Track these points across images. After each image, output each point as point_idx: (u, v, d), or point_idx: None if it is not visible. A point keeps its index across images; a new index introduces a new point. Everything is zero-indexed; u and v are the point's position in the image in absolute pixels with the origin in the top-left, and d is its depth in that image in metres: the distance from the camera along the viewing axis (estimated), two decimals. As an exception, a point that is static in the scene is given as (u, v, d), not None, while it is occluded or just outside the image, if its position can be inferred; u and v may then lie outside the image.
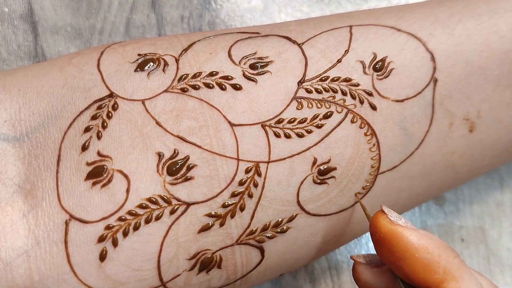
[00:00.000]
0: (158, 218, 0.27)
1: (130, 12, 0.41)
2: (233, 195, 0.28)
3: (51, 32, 0.40)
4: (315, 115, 0.30)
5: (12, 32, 0.40)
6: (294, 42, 0.31)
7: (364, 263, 0.29)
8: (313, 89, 0.30)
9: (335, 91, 0.30)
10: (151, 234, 0.27)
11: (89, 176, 0.27)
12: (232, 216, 0.29)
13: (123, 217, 0.27)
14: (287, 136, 0.29)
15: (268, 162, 0.29)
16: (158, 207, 0.27)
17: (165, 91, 0.29)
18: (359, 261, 0.29)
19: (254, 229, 0.29)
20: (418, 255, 0.26)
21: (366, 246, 0.41)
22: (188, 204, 0.28)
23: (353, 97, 0.30)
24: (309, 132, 0.29)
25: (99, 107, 0.28)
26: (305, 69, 0.30)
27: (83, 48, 0.41)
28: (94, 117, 0.28)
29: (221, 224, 0.28)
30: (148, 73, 0.29)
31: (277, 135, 0.29)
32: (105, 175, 0.27)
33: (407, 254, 0.26)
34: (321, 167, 0.30)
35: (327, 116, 0.30)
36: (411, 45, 0.31)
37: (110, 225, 0.27)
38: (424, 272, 0.26)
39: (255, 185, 0.29)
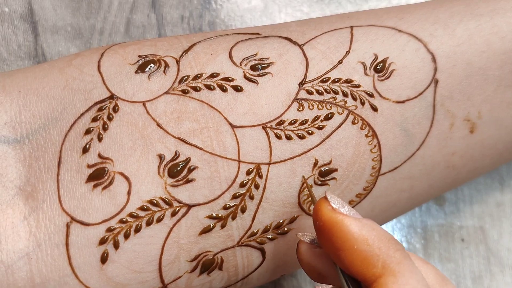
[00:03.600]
0: (159, 220, 0.27)
1: (130, 12, 0.41)
2: (234, 197, 0.28)
3: (51, 32, 0.40)
4: (316, 116, 0.30)
5: (12, 32, 0.40)
6: (295, 43, 0.31)
7: (308, 242, 0.28)
8: (314, 91, 0.30)
9: (336, 93, 0.30)
10: (152, 236, 0.27)
11: (90, 178, 0.27)
12: (233, 218, 0.29)
13: (124, 219, 0.27)
14: (288, 138, 0.29)
15: (269, 164, 0.29)
16: (159, 209, 0.27)
17: (166, 92, 0.29)
18: (303, 240, 0.28)
19: (255, 230, 0.29)
20: (357, 246, 0.25)
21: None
22: (189, 206, 0.28)
23: (354, 99, 0.30)
24: (310, 133, 0.29)
25: (100, 109, 0.28)
26: (306, 70, 0.30)
27: (83, 48, 0.41)
28: (94, 119, 0.28)
29: (222, 226, 0.28)
30: (149, 74, 0.29)
31: (278, 137, 0.29)
32: (106, 177, 0.27)
33: (346, 244, 0.25)
34: (322, 169, 0.30)
35: (328, 117, 0.30)
36: (412, 46, 0.31)
37: (111, 227, 0.27)
38: (362, 265, 0.25)
39: (256, 187, 0.29)
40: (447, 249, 0.42)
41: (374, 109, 0.30)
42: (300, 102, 0.30)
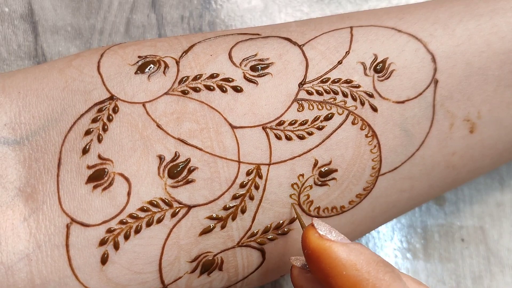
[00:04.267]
0: (159, 221, 0.27)
1: (130, 12, 0.41)
2: (234, 197, 0.28)
3: (51, 32, 0.40)
4: (316, 117, 0.30)
5: (12, 32, 0.40)
6: (294, 43, 0.31)
7: (299, 267, 0.28)
8: (314, 91, 0.30)
9: (336, 93, 0.30)
10: (152, 237, 0.27)
11: (90, 179, 0.27)
12: (233, 219, 0.29)
13: (124, 220, 0.27)
14: (288, 138, 0.29)
15: (269, 164, 0.29)
16: (160, 210, 0.27)
17: (166, 93, 0.29)
18: (295, 265, 0.28)
19: (255, 231, 0.29)
20: (345, 272, 0.25)
21: (366, 246, 0.41)
22: (189, 207, 0.28)
23: (354, 99, 0.30)
24: (310, 134, 0.29)
25: (100, 110, 0.28)
26: (306, 70, 0.30)
27: (83, 48, 0.41)
28: (94, 120, 0.28)
29: (223, 227, 0.28)
30: (149, 75, 0.29)
31: (278, 137, 0.29)
32: (106, 178, 0.27)
33: (335, 271, 0.25)
34: (322, 169, 0.30)
35: (328, 118, 0.30)
36: (411, 46, 0.31)
37: (112, 228, 0.27)
38: None
39: (256, 187, 0.29)
40: (447, 249, 0.42)
41: (374, 109, 0.30)
42: (300, 102, 0.30)
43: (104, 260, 0.27)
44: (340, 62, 0.31)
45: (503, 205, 0.43)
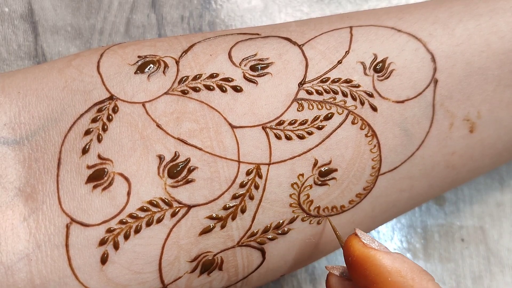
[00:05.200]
0: (159, 220, 0.27)
1: (130, 12, 0.41)
2: (234, 197, 0.28)
3: (51, 32, 0.40)
4: (315, 116, 0.30)
5: (12, 32, 0.40)
6: (294, 43, 0.31)
7: (338, 275, 0.29)
8: (313, 91, 0.30)
9: (335, 93, 0.30)
10: (152, 237, 0.27)
11: (90, 179, 0.27)
12: (233, 218, 0.29)
13: (124, 220, 0.27)
14: (288, 138, 0.29)
15: (269, 164, 0.29)
16: (159, 209, 0.27)
17: (166, 93, 0.29)
18: (333, 273, 0.29)
19: (255, 231, 0.29)
20: (391, 278, 0.26)
21: (366, 246, 0.41)
22: (189, 207, 0.28)
23: (354, 98, 0.30)
24: (310, 133, 0.29)
25: (99, 110, 0.28)
26: (305, 70, 0.30)
27: (83, 48, 0.41)
28: (94, 120, 0.28)
29: (222, 226, 0.28)
30: (148, 75, 0.29)
31: (278, 137, 0.29)
32: (105, 178, 0.27)
33: (380, 278, 0.26)
34: (322, 169, 0.30)
35: (327, 117, 0.30)
36: (411, 45, 0.31)
37: (111, 228, 0.27)
38: None
39: (256, 187, 0.29)
40: (447, 249, 0.42)
41: (374, 109, 0.30)
42: (300, 102, 0.30)
43: (104, 260, 0.27)
44: (340, 62, 0.31)
45: (503, 205, 0.43)
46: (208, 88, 0.29)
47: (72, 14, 0.41)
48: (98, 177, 0.27)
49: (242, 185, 0.28)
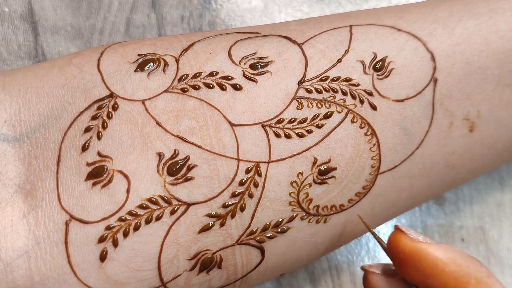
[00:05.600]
0: (158, 218, 0.27)
1: (130, 12, 0.41)
2: (234, 195, 0.28)
3: (51, 32, 0.40)
4: (315, 115, 0.30)
5: (12, 32, 0.40)
6: (294, 42, 0.31)
7: (378, 273, 0.29)
8: (313, 89, 0.30)
9: (335, 91, 0.30)
10: (151, 235, 0.27)
11: (89, 176, 0.27)
12: (233, 216, 0.29)
13: (123, 218, 0.27)
14: (287, 136, 0.29)
15: (268, 162, 0.29)
16: (159, 207, 0.27)
17: (165, 91, 0.29)
18: (372, 271, 0.29)
19: (254, 229, 0.29)
20: (448, 269, 0.26)
21: (366, 246, 0.41)
22: (189, 205, 0.28)
23: (353, 97, 0.30)
24: (310, 132, 0.29)
25: (99, 108, 0.28)
26: (305, 69, 0.30)
27: (83, 48, 0.41)
28: (94, 118, 0.28)
29: (222, 224, 0.28)
30: (148, 73, 0.29)
31: (278, 135, 0.29)
32: (105, 175, 0.27)
33: (437, 270, 0.26)
34: (321, 167, 0.30)
35: (327, 116, 0.30)
36: (411, 45, 0.31)
37: (111, 226, 0.27)
38: (457, 285, 0.26)
39: (256, 185, 0.29)
40: (447, 249, 0.42)
41: (373, 107, 0.30)
42: (299, 100, 0.30)
43: (103, 257, 0.27)
44: (339, 61, 0.31)
45: (503, 205, 0.43)
46: (208, 86, 0.29)
47: (72, 14, 0.41)
48: (97, 174, 0.27)
49: (241, 183, 0.28)
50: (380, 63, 0.31)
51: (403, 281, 0.28)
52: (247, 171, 0.29)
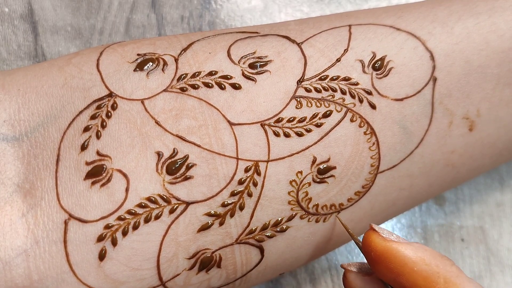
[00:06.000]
0: (157, 217, 0.27)
1: (130, 12, 0.41)
2: (233, 194, 0.28)
3: (51, 32, 0.40)
4: (314, 114, 0.30)
5: (12, 32, 0.40)
6: (293, 41, 0.31)
7: (355, 271, 0.29)
8: (312, 88, 0.30)
9: (334, 90, 0.30)
10: (150, 234, 0.27)
11: (88, 175, 0.27)
12: (232, 215, 0.29)
13: (122, 217, 0.27)
14: (287, 135, 0.29)
15: (267, 161, 0.29)
16: (158, 206, 0.27)
17: (164, 90, 0.29)
18: (349, 270, 0.29)
19: (253, 228, 0.29)
20: (417, 268, 0.26)
21: (366, 245, 0.41)
22: (188, 203, 0.28)
23: (353, 96, 0.30)
24: (309, 131, 0.29)
25: (98, 107, 0.28)
26: (304, 68, 0.30)
27: (83, 48, 0.41)
28: (93, 117, 0.28)
29: (221, 223, 0.28)
30: (147, 72, 0.29)
31: (277, 134, 0.29)
32: (104, 174, 0.27)
33: (406, 268, 0.26)
34: (321, 166, 0.30)
35: (326, 115, 0.30)
36: (410, 44, 0.31)
37: (110, 225, 0.27)
38: (425, 284, 0.26)
39: (255, 184, 0.29)
40: (447, 249, 0.42)
41: (373, 106, 0.30)
42: (298, 99, 0.30)
43: (102, 256, 0.27)
44: (338, 60, 0.31)
45: (503, 205, 0.43)
46: (207, 85, 0.29)
47: (72, 14, 0.41)
48: (96, 173, 0.27)
49: (240, 182, 0.28)
50: (379, 62, 0.31)
51: (379, 280, 0.29)
52: (246, 170, 0.29)
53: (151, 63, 0.30)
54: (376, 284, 0.29)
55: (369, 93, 0.30)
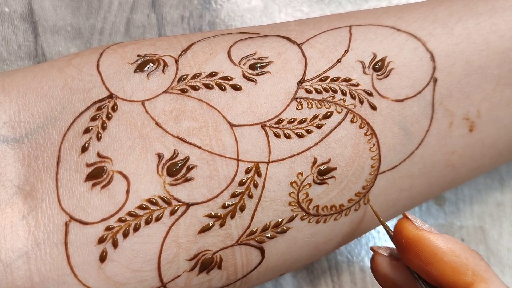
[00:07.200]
0: (158, 219, 0.27)
1: (130, 12, 0.41)
2: (233, 195, 0.28)
3: (51, 32, 0.40)
4: (315, 115, 0.30)
5: (12, 32, 0.40)
6: (293, 42, 0.31)
7: (385, 255, 0.30)
8: (312, 89, 0.30)
9: (334, 91, 0.30)
10: (151, 235, 0.27)
11: (89, 177, 0.27)
12: (232, 217, 0.29)
13: (123, 218, 0.27)
14: (287, 136, 0.29)
15: (268, 163, 0.29)
16: (158, 208, 0.27)
17: (165, 92, 0.29)
18: (379, 252, 0.30)
19: (254, 229, 0.29)
20: (446, 258, 0.27)
21: (366, 246, 0.41)
22: (188, 205, 0.28)
23: (353, 97, 0.30)
24: (309, 132, 0.29)
25: (99, 108, 0.28)
26: (304, 69, 0.30)
27: (83, 48, 0.41)
28: (93, 118, 0.28)
29: (221, 225, 0.28)
30: (148, 74, 0.29)
31: (277, 135, 0.29)
32: (105, 176, 0.27)
33: (435, 258, 0.27)
34: (321, 167, 0.30)
35: (327, 116, 0.30)
36: (410, 44, 0.31)
37: (110, 226, 0.27)
38: (454, 275, 0.27)
39: (255, 186, 0.29)
40: (447, 248, 0.42)
41: (373, 107, 0.30)
42: (299, 100, 0.30)
43: (102, 258, 0.27)
44: (339, 61, 0.31)
45: (503, 205, 0.43)
46: (207, 86, 0.29)
47: (72, 14, 0.41)
48: (97, 175, 0.27)
49: (241, 184, 0.28)
50: (380, 63, 0.31)
51: (405, 266, 0.29)
52: (247, 171, 0.29)
53: (151, 64, 0.30)
54: (402, 270, 0.29)
55: (370, 94, 0.30)
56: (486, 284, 0.27)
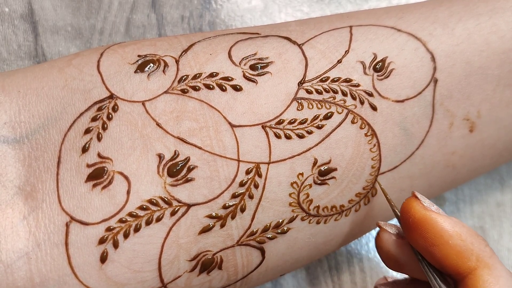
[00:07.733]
0: (158, 219, 0.27)
1: (130, 12, 0.41)
2: (234, 196, 0.28)
3: (51, 32, 0.40)
4: (315, 115, 0.30)
5: (13, 32, 0.40)
6: (294, 42, 0.31)
7: (390, 232, 0.30)
8: (313, 90, 0.30)
9: (335, 92, 0.30)
10: (151, 236, 0.27)
11: (90, 178, 0.27)
12: (233, 217, 0.29)
13: (123, 219, 0.27)
14: (288, 137, 0.29)
15: (268, 163, 0.29)
16: (159, 208, 0.27)
17: (165, 92, 0.29)
18: (385, 229, 0.30)
19: (254, 230, 0.29)
20: (451, 241, 0.27)
21: (366, 246, 0.41)
22: (189, 206, 0.28)
23: (354, 98, 0.30)
24: (310, 132, 0.29)
25: (99, 109, 0.28)
26: (305, 69, 0.30)
27: (83, 48, 0.41)
28: (94, 119, 0.28)
29: (222, 225, 0.28)
30: (148, 74, 0.29)
31: (278, 136, 0.29)
32: (105, 176, 0.27)
33: (441, 240, 0.27)
34: (322, 168, 0.30)
35: (327, 116, 0.30)
36: (411, 45, 0.31)
37: (111, 227, 0.27)
38: (457, 259, 0.27)
39: (256, 186, 0.29)
40: (447, 248, 0.42)
41: (374, 108, 0.30)
42: (300, 101, 0.30)
43: (103, 258, 0.27)
44: (339, 61, 0.31)
45: (503, 205, 0.43)
46: (208, 87, 0.29)
47: (72, 14, 0.41)
48: (97, 175, 0.27)
49: (241, 184, 0.28)
50: (380, 63, 0.31)
51: (409, 245, 0.29)
52: (248, 172, 0.29)
53: (152, 65, 0.30)
54: (406, 249, 0.29)
55: (370, 94, 0.30)
56: (489, 270, 0.26)
